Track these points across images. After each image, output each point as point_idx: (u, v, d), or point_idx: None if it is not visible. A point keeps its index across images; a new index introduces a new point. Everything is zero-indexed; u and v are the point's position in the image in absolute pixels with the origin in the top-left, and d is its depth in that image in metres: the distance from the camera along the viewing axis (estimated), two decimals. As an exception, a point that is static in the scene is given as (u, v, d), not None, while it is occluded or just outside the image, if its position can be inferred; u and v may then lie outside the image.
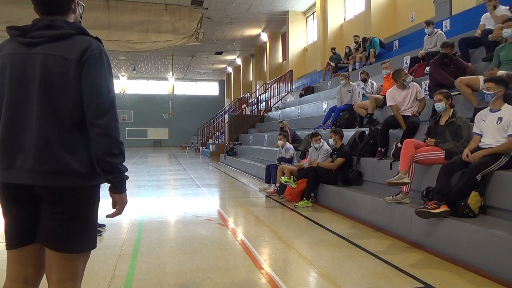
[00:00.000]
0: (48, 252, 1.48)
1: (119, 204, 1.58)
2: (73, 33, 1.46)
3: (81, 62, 1.43)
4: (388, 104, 5.49)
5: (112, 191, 1.56)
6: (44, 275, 1.54)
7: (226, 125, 16.45)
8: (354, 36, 11.97)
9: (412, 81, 5.67)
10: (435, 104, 4.17)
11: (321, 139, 6.08)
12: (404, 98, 5.31)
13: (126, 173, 1.56)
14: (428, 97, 5.69)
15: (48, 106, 1.42)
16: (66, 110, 1.43)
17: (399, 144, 4.71)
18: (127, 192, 1.61)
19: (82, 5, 1.64)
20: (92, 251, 1.59)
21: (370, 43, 11.03)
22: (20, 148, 1.42)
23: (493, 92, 3.56)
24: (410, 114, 5.20)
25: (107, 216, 1.61)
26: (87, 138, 1.48)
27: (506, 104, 3.58)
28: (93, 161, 1.49)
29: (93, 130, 1.45)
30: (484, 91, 3.64)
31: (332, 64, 12.61)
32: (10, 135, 1.43)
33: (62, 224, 1.45)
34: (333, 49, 13.05)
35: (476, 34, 6.20)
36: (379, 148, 5.26)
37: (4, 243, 1.52)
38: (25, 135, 1.41)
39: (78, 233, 1.48)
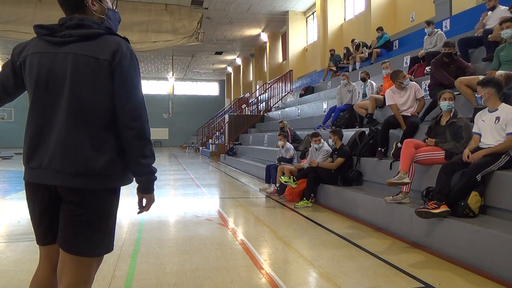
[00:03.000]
0: (62, 254, 1.46)
1: (148, 203, 1.61)
2: (103, 33, 1.44)
3: (113, 64, 1.41)
4: (387, 104, 5.49)
5: (142, 191, 1.58)
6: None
7: (226, 125, 16.44)
8: (351, 41, 11.99)
9: (411, 81, 5.67)
10: (442, 102, 4.10)
11: (321, 140, 6.08)
12: (403, 99, 5.32)
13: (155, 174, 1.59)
14: (429, 97, 5.70)
15: (77, 106, 1.40)
16: (96, 111, 1.42)
17: (399, 144, 4.71)
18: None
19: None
20: None
21: (382, 36, 11.02)
22: (48, 148, 1.40)
23: (480, 95, 3.60)
24: (410, 115, 5.21)
25: (138, 212, 1.64)
26: (116, 139, 1.47)
27: (503, 103, 3.59)
28: (120, 163, 1.48)
29: (127, 132, 1.45)
30: (476, 95, 3.68)
31: (334, 68, 12.61)
32: (39, 134, 1.42)
33: (81, 226, 1.43)
34: (331, 50, 13.05)
35: (475, 33, 6.22)
36: (379, 148, 5.27)
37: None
38: (53, 135, 1.40)
39: (96, 237, 1.47)
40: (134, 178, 1.59)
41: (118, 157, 1.47)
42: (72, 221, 1.42)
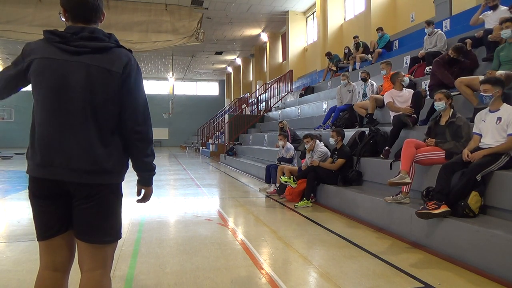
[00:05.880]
0: (80, 244, 1.63)
1: (147, 194, 1.84)
2: (113, 46, 1.60)
3: (123, 75, 1.58)
4: (385, 101, 5.62)
5: (142, 184, 1.79)
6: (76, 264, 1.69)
7: (226, 125, 16.44)
8: (354, 37, 11.96)
9: (411, 81, 5.75)
10: (435, 103, 4.18)
11: (315, 141, 6.13)
12: (401, 100, 5.51)
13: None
14: (429, 97, 5.72)
15: (89, 111, 1.53)
16: (105, 116, 1.57)
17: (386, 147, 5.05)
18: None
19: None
20: None
21: (382, 37, 11.00)
22: (62, 148, 1.52)
23: (490, 94, 3.57)
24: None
25: (138, 201, 1.84)
26: (120, 140, 1.65)
27: (504, 104, 3.58)
28: (123, 161, 1.66)
29: (134, 135, 1.65)
30: (481, 93, 3.65)
31: (334, 68, 12.58)
32: (50, 135, 1.53)
33: (94, 217, 1.59)
34: (327, 54, 12.97)
35: (476, 33, 6.22)
36: (386, 147, 5.19)
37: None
38: (66, 136, 1.52)
39: (107, 226, 1.63)
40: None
41: (123, 156, 1.66)
42: (87, 213, 1.58)
